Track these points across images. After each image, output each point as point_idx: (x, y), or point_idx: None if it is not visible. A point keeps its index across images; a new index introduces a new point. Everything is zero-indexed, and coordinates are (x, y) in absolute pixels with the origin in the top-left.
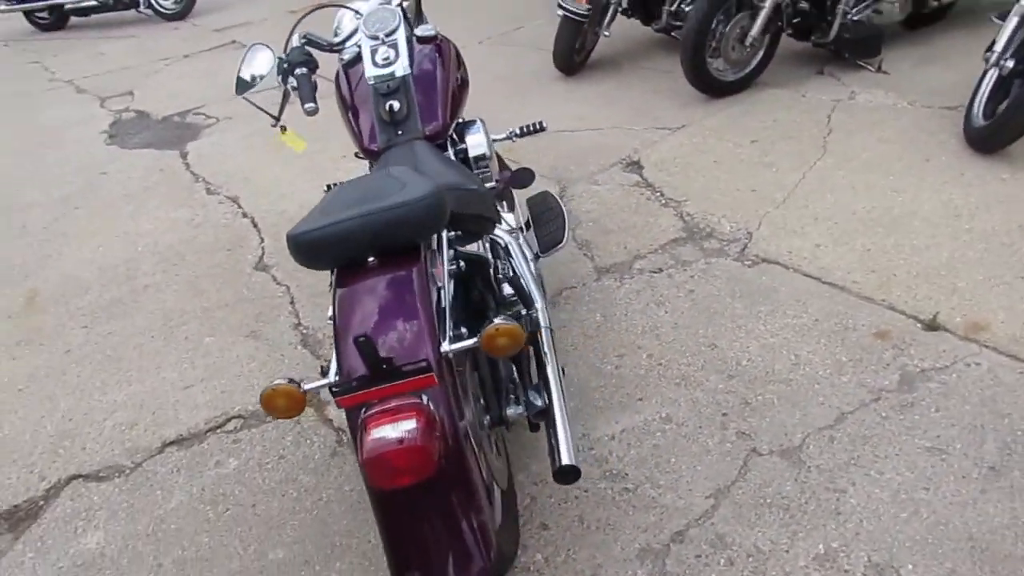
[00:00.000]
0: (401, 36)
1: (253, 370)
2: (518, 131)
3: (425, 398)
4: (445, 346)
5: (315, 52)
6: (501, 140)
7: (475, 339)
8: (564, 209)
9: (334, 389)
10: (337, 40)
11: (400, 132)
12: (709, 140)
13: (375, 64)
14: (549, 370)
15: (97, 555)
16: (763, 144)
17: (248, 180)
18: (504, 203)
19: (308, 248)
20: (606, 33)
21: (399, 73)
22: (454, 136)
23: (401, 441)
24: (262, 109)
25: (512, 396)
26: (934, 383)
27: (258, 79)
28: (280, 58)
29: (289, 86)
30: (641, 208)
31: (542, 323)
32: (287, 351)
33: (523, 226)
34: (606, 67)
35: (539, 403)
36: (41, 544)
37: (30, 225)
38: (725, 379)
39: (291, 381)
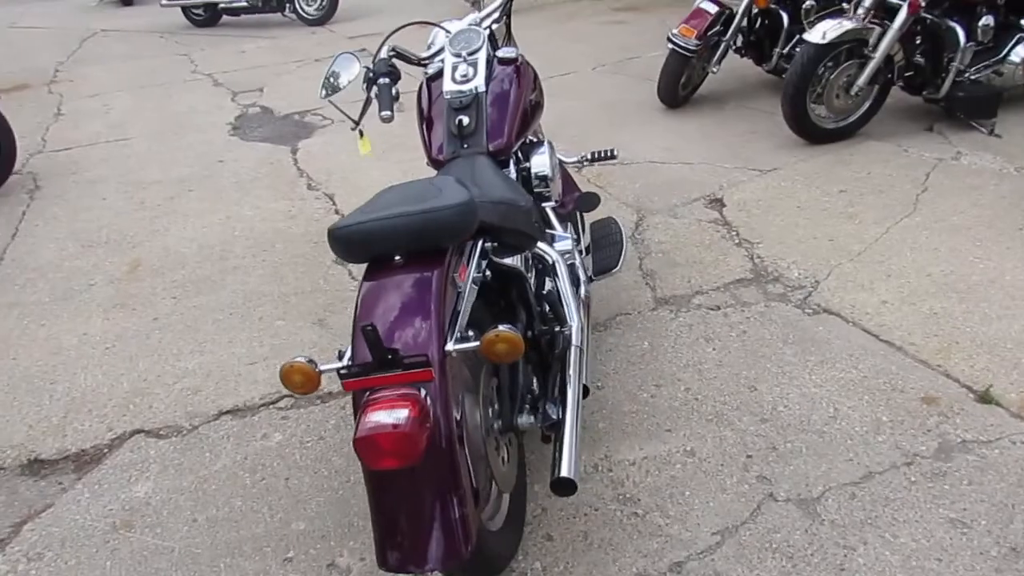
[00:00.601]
0: (482, 56)
1: (314, 354)
2: (589, 156)
3: (423, 391)
4: (450, 345)
5: (404, 66)
6: (571, 163)
7: (477, 342)
8: (624, 237)
9: (341, 372)
10: (425, 55)
11: (466, 145)
12: (797, 185)
13: (453, 80)
14: (570, 388)
15: (143, 503)
16: (851, 195)
17: (346, 180)
18: (569, 224)
19: (343, 242)
20: (714, 70)
21: (474, 90)
22: (520, 155)
23: (393, 427)
24: (343, 112)
25: (528, 406)
26: (973, 456)
27: (341, 85)
28: (367, 68)
29: (372, 94)
30: (713, 245)
31: (573, 342)
32: (347, 341)
33: (583, 248)
34: (709, 103)
35: (554, 416)
36: (98, 487)
37: (148, 201)
38: (758, 422)
39: (309, 361)
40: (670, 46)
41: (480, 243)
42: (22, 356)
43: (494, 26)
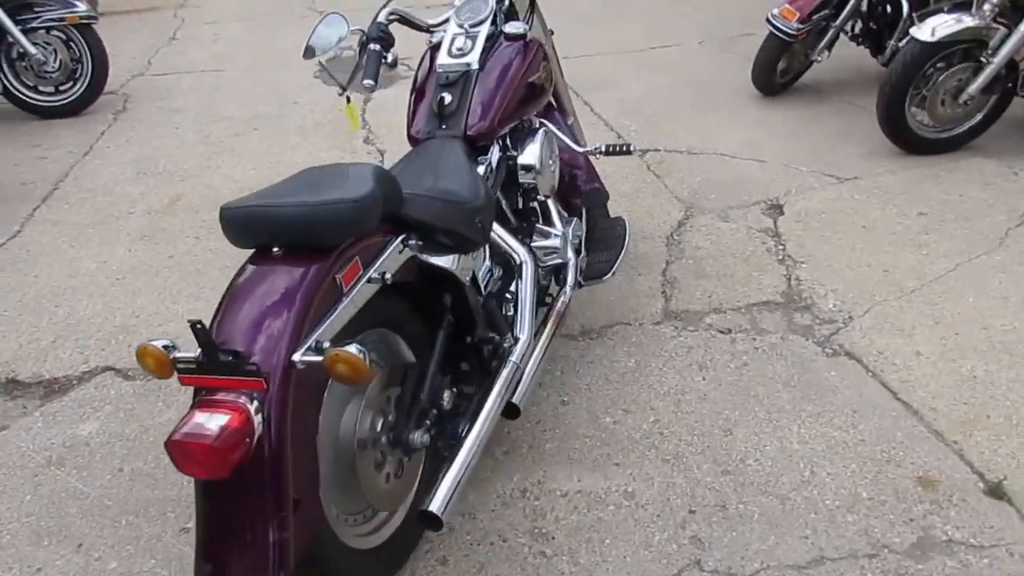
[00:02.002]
0: (484, 29)
1: None
2: (603, 148)
3: (255, 402)
4: (298, 355)
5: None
6: (584, 152)
7: (322, 356)
8: (626, 243)
9: (179, 365)
10: (434, 21)
11: (444, 126)
12: (872, 200)
13: (449, 53)
14: (484, 410)
15: (83, 443)
16: (930, 219)
17: (403, 137)
18: (576, 220)
19: (228, 224)
20: (818, 58)
21: (465, 66)
22: (507, 141)
23: (204, 436)
24: (332, 76)
25: (429, 422)
26: (954, 561)
27: (326, 47)
28: (361, 31)
29: (363, 59)
30: (753, 259)
31: (511, 358)
32: None
33: (583, 248)
34: (809, 94)
35: (460, 434)
36: (52, 418)
37: (213, 136)
38: (718, 472)
39: (166, 346)
40: (768, 28)
41: (398, 240)
42: (43, 275)
43: None
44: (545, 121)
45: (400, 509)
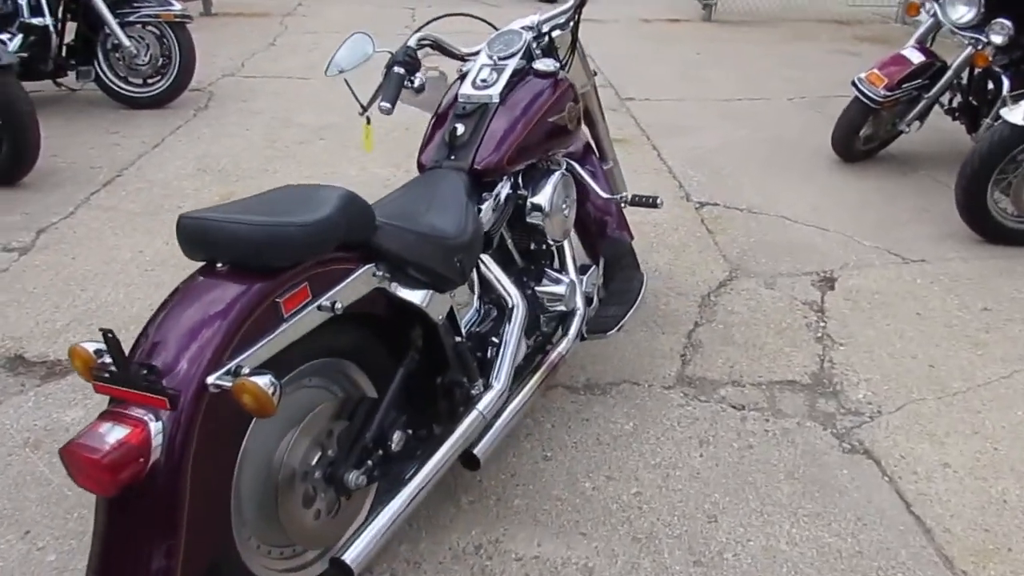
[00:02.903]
0: (512, 63)
1: None
2: (629, 198)
3: (160, 422)
4: (212, 378)
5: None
6: (608, 198)
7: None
8: (638, 300)
9: (94, 371)
10: (469, 51)
11: (452, 157)
12: (935, 287)
13: (472, 83)
14: (435, 457)
15: (63, 428)
16: (994, 316)
17: None
18: (594, 268)
19: (180, 234)
20: (906, 128)
21: (485, 98)
22: (519, 179)
23: (93, 448)
24: (354, 94)
25: (372, 462)
26: None
27: (349, 66)
28: (389, 53)
29: (385, 81)
30: (788, 333)
31: (479, 407)
32: None
33: (595, 298)
34: (893, 165)
35: (404, 478)
36: (43, 399)
37: (280, 141)
38: (689, 563)
39: (97, 350)
40: (854, 91)
41: (363, 269)
42: (80, 258)
43: (556, 32)
44: (572, 163)
45: (319, 549)
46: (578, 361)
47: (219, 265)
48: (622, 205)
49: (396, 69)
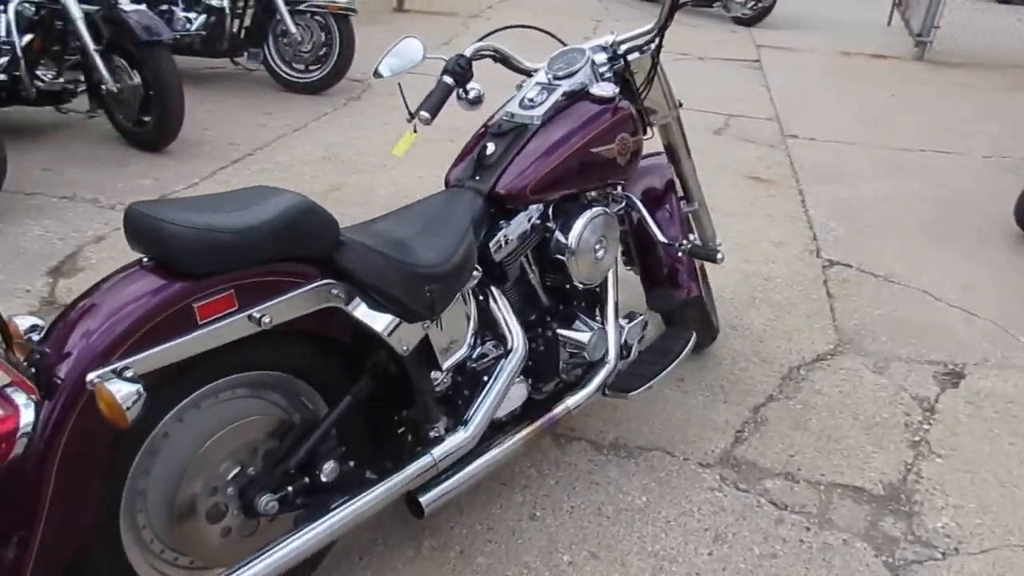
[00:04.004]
0: (566, 84)
1: None
2: (689, 246)
3: (31, 410)
4: (93, 374)
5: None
6: (665, 243)
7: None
8: (674, 363)
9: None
10: (532, 66)
11: (477, 178)
12: None
13: (519, 102)
14: (369, 495)
15: None
16: None
17: None
18: (638, 319)
19: (124, 224)
20: None
21: (527, 119)
22: (550, 210)
23: None
24: (403, 99)
25: (290, 488)
26: None
27: (396, 69)
28: (443, 60)
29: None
30: (878, 430)
31: (432, 452)
32: None
33: (629, 352)
34: None
35: (329, 509)
36: None
37: None
38: None
39: (32, 327)
40: None
41: (314, 285)
42: None
43: (633, 56)
44: (636, 201)
45: (216, 567)
46: (615, 415)
47: (145, 260)
48: (679, 253)
49: (445, 79)
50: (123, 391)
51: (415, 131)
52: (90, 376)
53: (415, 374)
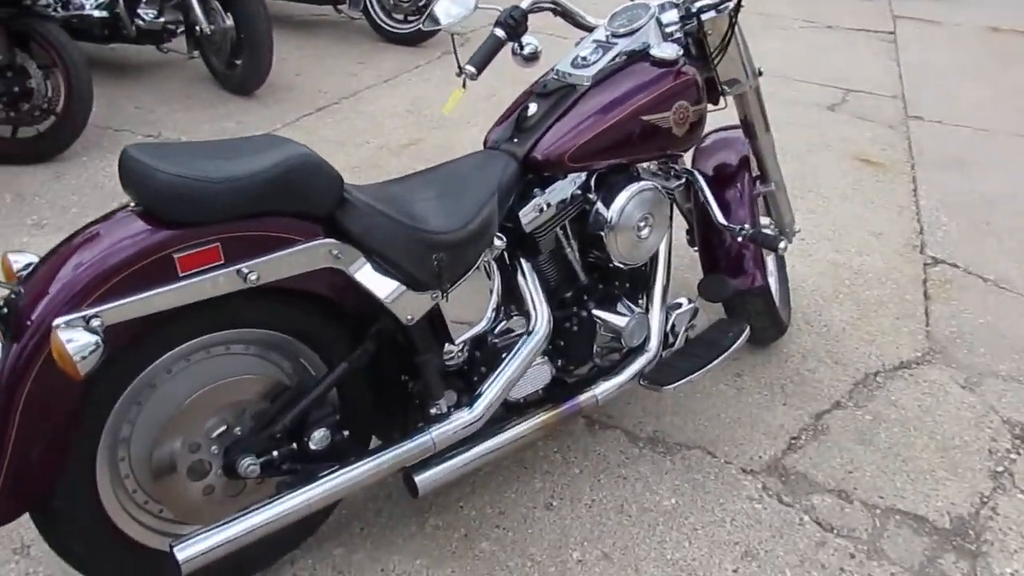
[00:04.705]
0: (624, 43)
1: None
2: (748, 232)
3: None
4: (60, 319)
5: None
6: (725, 226)
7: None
8: (719, 358)
9: None
10: (594, 22)
11: (515, 140)
12: None
13: (571, 60)
14: (357, 469)
15: None
16: None
17: None
18: (687, 306)
19: (119, 166)
20: None
21: (575, 80)
22: (592, 180)
23: None
24: (456, 53)
25: (275, 453)
26: None
27: (448, 18)
28: (497, 10)
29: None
30: (955, 454)
31: (431, 431)
32: None
33: (674, 340)
34: None
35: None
36: None
37: (498, 94)
38: None
39: (20, 263)
40: None
41: (312, 243)
42: None
43: (708, 15)
44: (698, 177)
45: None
46: (657, 406)
47: (132, 206)
48: (738, 238)
49: (496, 31)
50: (77, 342)
51: (464, 87)
52: (56, 321)
53: (421, 346)
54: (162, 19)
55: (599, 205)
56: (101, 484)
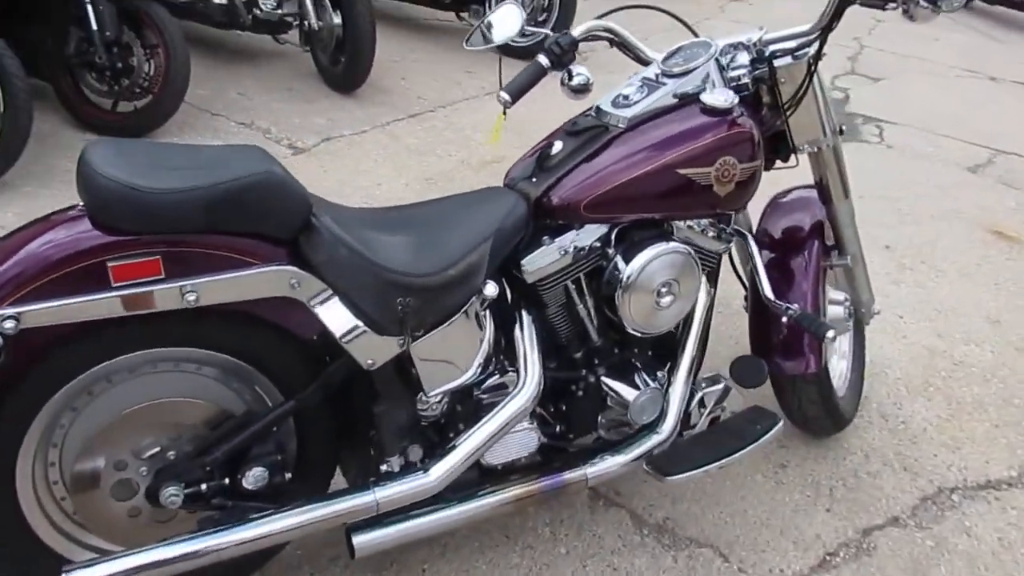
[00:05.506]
0: (673, 84)
1: None
2: (797, 312)
3: None
4: (9, 310)
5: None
6: (771, 302)
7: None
8: (738, 453)
9: None
10: (651, 57)
11: (532, 179)
12: None
13: (612, 99)
14: (285, 521)
15: None
16: None
17: None
18: (720, 382)
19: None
20: None
21: (610, 121)
22: (613, 233)
23: None
24: (500, 77)
25: (203, 488)
26: None
27: (493, 39)
28: (548, 34)
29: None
30: None
31: (375, 491)
32: None
33: (695, 422)
34: None
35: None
36: None
37: None
38: None
39: None
40: None
41: (268, 268)
42: (329, 172)
43: (783, 61)
44: (750, 241)
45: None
46: (676, 489)
47: (79, 206)
48: (783, 318)
49: (539, 58)
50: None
51: (504, 113)
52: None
53: (383, 394)
54: (280, 11)
55: (617, 261)
56: (21, 489)
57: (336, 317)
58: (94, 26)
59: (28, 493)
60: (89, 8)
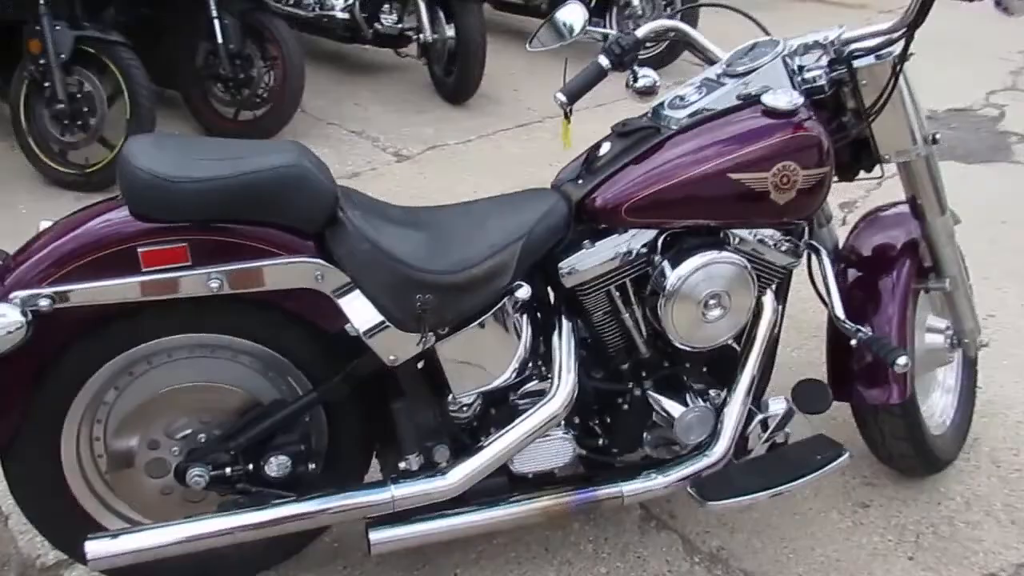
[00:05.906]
0: (732, 85)
1: None
2: (866, 335)
3: None
4: (18, 293)
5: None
6: (841, 324)
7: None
8: (794, 482)
9: None
10: (720, 56)
11: (579, 181)
12: None
13: (670, 100)
14: (301, 507)
15: None
16: None
17: None
18: (781, 404)
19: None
20: None
21: (663, 122)
22: (661, 240)
23: None
24: (565, 79)
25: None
26: None
27: (554, 42)
28: (609, 33)
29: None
30: None
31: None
32: None
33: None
34: None
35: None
36: None
37: None
38: None
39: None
40: None
41: (292, 260)
42: (428, 178)
43: (864, 61)
44: (823, 256)
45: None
46: (736, 517)
47: (117, 196)
48: (853, 343)
49: (599, 59)
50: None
51: (566, 117)
52: (13, 295)
53: (407, 392)
54: (400, 25)
55: (664, 267)
56: (64, 450)
57: (359, 311)
58: (220, 39)
59: (72, 459)
60: (216, 24)
